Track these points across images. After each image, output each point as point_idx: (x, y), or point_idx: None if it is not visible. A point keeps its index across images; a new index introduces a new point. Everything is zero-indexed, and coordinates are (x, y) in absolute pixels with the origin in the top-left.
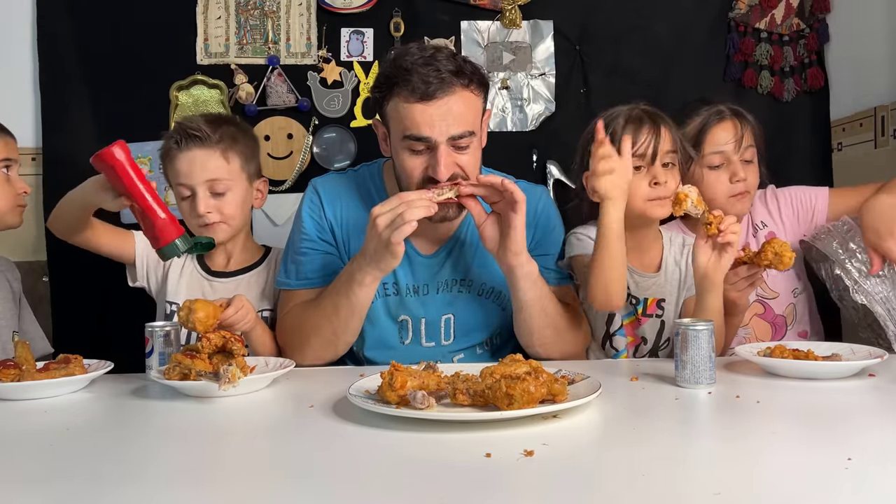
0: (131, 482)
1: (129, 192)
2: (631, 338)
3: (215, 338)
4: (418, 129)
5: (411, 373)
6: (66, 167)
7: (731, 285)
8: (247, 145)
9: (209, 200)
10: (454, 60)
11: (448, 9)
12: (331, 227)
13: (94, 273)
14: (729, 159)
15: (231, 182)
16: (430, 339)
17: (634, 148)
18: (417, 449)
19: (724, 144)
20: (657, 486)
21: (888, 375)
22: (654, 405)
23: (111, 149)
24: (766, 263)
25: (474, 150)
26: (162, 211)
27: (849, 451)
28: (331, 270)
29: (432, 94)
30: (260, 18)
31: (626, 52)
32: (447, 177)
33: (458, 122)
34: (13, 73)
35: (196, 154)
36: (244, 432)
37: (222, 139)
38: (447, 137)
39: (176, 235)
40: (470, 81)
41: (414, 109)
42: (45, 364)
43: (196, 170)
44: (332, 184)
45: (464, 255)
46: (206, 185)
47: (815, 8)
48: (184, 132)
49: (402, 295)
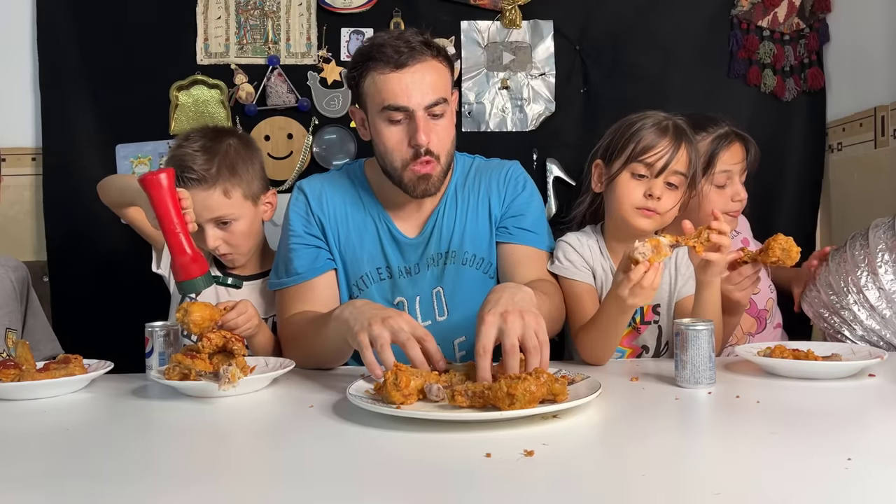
0: (131, 482)
1: (161, 222)
2: (629, 349)
3: (215, 338)
4: (395, 97)
5: (414, 372)
6: (65, 167)
7: (735, 286)
8: (247, 169)
9: (217, 234)
10: (421, 36)
11: (448, 9)
12: (319, 222)
13: (94, 273)
14: (732, 179)
15: (235, 213)
16: (425, 317)
17: (646, 155)
18: (418, 449)
19: (731, 165)
20: (657, 486)
21: (888, 375)
22: (654, 405)
23: (157, 175)
24: (773, 260)
25: (449, 122)
26: (189, 247)
27: (849, 451)
28: (321, 263)
29: (405, 62)
30: (260, 18)
31: (626, 51)
32: (425, 143)
33: (432, 89)
34: (13, 73)
35: (197, 195)
36: (244, 432)
37: (219, 174)
38: (424, 105)
39: (198, 273)
40: (437, 53)
41: (390, 79)
42: (45, 364)
43: (199, 209)
44: (316, 183)
45: (445, 229)
46: (212, 221)
47: (816, 7)
48: (182, 174)
49: (394, 278)
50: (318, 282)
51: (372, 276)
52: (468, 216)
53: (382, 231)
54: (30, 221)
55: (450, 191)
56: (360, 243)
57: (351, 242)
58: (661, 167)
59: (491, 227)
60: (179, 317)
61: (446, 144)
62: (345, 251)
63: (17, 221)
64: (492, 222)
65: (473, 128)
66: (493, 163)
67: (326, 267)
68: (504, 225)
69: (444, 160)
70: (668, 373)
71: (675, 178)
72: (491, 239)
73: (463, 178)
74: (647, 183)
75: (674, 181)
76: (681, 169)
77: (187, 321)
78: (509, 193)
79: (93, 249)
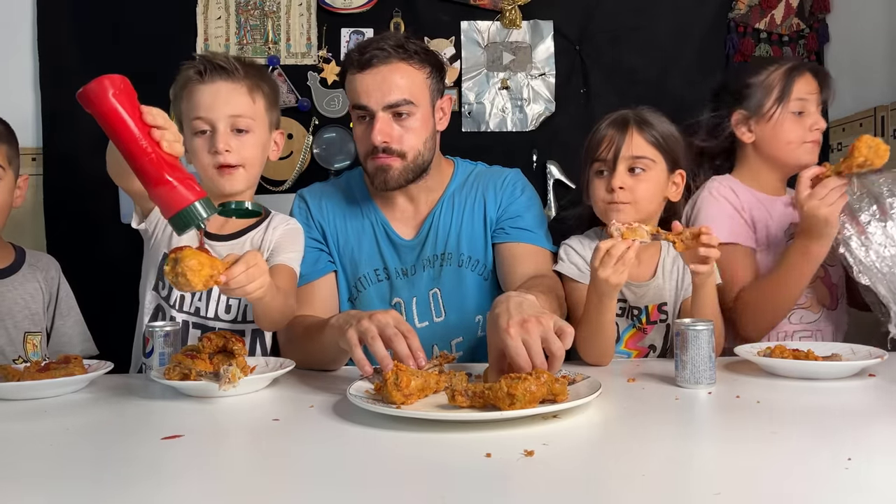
0: (131, 482)
1: (119, 143)
2: (636, 351)
3: (216, 338)
4: (357, 97)
5: (414, 372)
6: (66, 167)
7: (821, 200)
8: (272, 91)
9: (230, 138)
10: (399, 39)
11: (448, 9)
12: (321, 227)
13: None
14: (808, 109)
15: (253, 122)
16: (423, 318)
17: (598, 151)
18: (418, 449)
19: (806, 94)
20: (657, 486)
21: (888, 375)
22: (654, 405)
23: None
24: (859, 163)
25: (418, 124)
26: (172, 171)
27: (849, 451)
28: (321, 265)
29: (367, 63)
30: (260, 18)
31: (626, 52)
32: (379, 142)
33: (394, 90)
34: (13, 73)
35: (221, 87)
36: (244, 432)
37: (248, 76)
38: (383, 106)
39: (195, 197)
40: (410, 56)
41: (355, 79)
42: (46, 364)
43: (220, 103)
44: (316, 190)
45: (440, 235)
46: (229, 122)
47: (815, 8)
48: (209, 63)
49: (391, 279)
50: (320, 283)
51: (370, 278)
52: (464, 218)
53: (379, 233)
54: (30, 221)
55: (447, 194)
56: (358, 246)
57: (350, 245)
58: (612, 158)
59: (486, 229)
60: (168, 269)
61: (413, 143)
62: (344, 254)
63: (18, 221)
64: (486, 225)
65: (473, 128)
66: (493, 169)
67: (327, 269)
68: (501, 227)
69: (412, 157)
70: (668, 373)
71: (637, 162)
72: (486, 241)
73: (462, 183)
74: (608, 178)
75: (638, 165)
76: (638, 153)
77: (181, 269)
78: (506, 197)
79: (93, 249)
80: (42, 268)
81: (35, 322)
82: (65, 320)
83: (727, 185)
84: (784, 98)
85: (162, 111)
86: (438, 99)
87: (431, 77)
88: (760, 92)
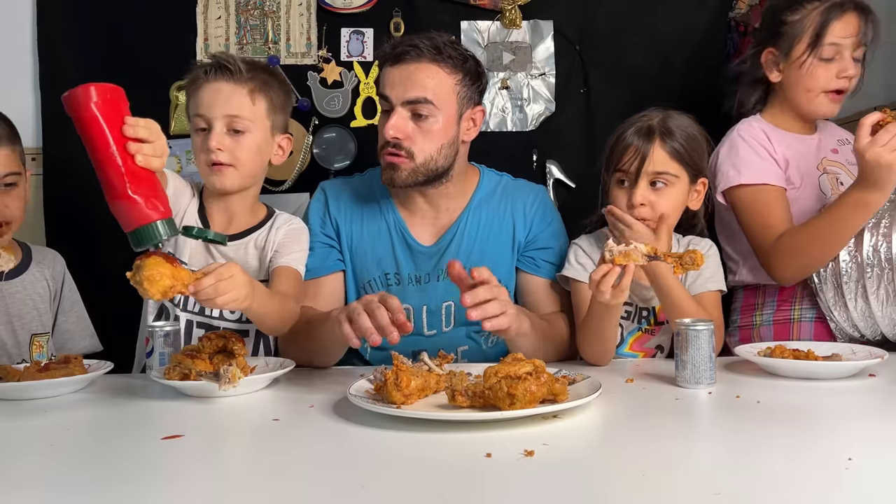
0: (131, 482)
1: (92, 147)
2: (642, 353)
3: (216, 338)
4: (383, 88)
5: (414, 372)
6: (66, 167)
7: (883, 147)
8: (279, 95)
9: (224, 137)
10: (436, 40)
11: (448, 9)
12: (336, 223)
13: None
14: (841, 54)
15: (251, 124)
16: (431, 327)
17: (621, 162)
18: (417, 449)
19: (842, 38)
20: (657, 486)
21: (888, 375)
22: (654, 405)
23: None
24: None
25: (436, 128)
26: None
27: (849, 451)
28: (331, 262)
29: (399, 57)
30: (260, 18)
31: (626, 51)
32: (390, 136)
33: (416, 87)
34: (13, 73)
35: (221, 86)
36: (244, 432)
37: (253, 79)
38: (403, 101)
39: (157, 217)
40: (444, 59)
41: (385, 72)
42: (46, 364)
43: (219, 103)
44: (338, 186)
45: (463, 247)
46: (224, 121)
47: None
48: (216, 63)
49: (403, 284)
50: (326, 280)
51: (377, 282)
52: (490, 235)
53: (396, 237)
54: (30, 221)
55: (472, 204)
56: (370, 248)
57: (362, 246)
58: (634, 172)
59: (513, 252)
60: (130, 275)
61: (425, 146)
62: (354, 254)
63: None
64: (514, 247)
65: None
66: (520, 184)
67: (335, 267)
68: (531, 255)
69: (422, 160)
70: (668, 373)
71: (659, 177)
72: (511, 264)
73: (488, 194)
74: (629, 191)
75: (660, 180)
76: (660, 168)
77: (138, 279)
78: (536, 223)
79: (93, 249)
80: (48, 264)
81: (43, 323)
82: (67, 316)
83: (757, 126)
84: (817, 45)
85: (153, 124)
86: (469, 108)
87: (463, 84)
88: (793, 33)
